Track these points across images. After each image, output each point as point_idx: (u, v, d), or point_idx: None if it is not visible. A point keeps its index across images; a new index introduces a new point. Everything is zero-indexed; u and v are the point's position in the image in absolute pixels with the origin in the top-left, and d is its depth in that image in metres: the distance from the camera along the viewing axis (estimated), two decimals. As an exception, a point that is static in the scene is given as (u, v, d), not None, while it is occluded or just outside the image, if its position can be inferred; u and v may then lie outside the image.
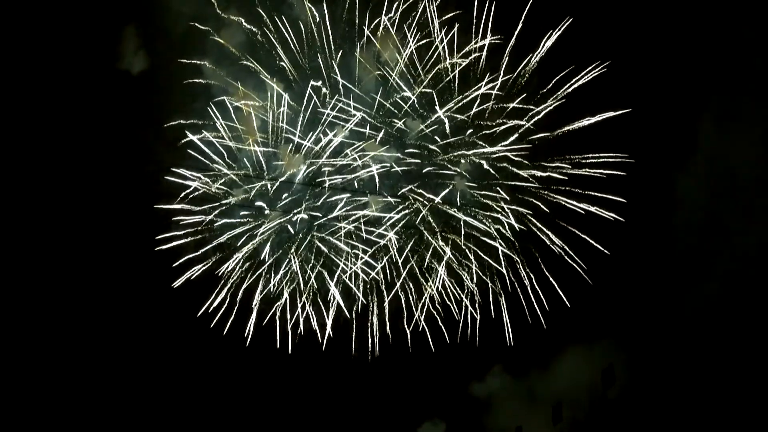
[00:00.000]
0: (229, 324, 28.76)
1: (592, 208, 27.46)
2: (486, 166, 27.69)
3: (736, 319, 27.98)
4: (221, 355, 29.96)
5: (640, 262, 28.74)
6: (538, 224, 27.91)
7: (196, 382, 31.10)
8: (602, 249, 27.49)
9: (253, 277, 28.61)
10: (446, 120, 27.71)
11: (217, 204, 28.50)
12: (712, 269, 28.75)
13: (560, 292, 27.76)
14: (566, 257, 27.69)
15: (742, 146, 28.88)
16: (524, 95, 27.72)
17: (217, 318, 28.73)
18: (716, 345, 28.02)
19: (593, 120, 27.67)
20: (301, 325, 28.58)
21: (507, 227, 27.77)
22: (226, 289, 28.76)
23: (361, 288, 28.15)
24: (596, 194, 27.60)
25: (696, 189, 29.29)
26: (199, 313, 28.79)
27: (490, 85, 27.61)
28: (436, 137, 28.02)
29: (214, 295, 28.72)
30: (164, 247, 28.57)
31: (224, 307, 28.73)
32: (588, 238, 27.52)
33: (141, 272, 29.80)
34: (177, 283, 28.86)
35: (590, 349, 29.56)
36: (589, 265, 27.68)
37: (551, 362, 30.26)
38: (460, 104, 27.76)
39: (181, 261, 28.63)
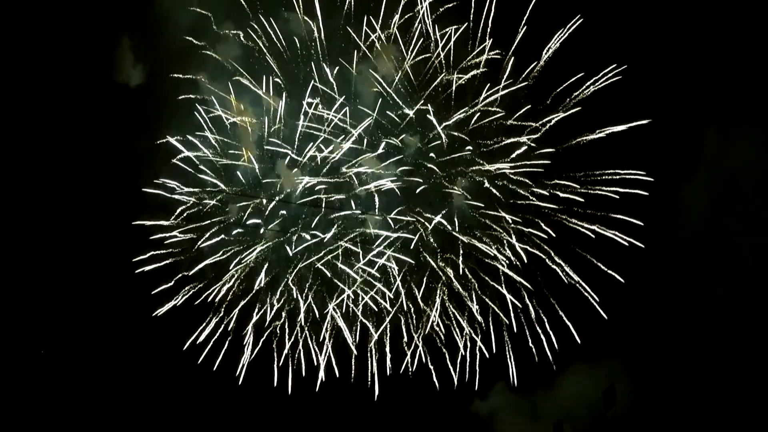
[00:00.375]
0: (220, 358, 27.77)
1: (596, 227, 26.89)
2: (487, 184, 27.09)
3: (744, 334, 27.58)
4: (211, 393, 28.86)
5: (650, 282, 28.12)
6: (543, 245, 27.28)
7: (182, 426, 29.77)
8: (617, 276, 26.76)
9: (246, 300, 27.76)
10: (443, 136, 27.10)
11: (208, 222, 27.68)
12: (718, 282, 28.32)
13: (570, 325, 27.20)
14: (571, 280, 27.14)
15: (746, 152, 28.34)
16: (528, 106, 26.99)
17: (206, 352, 27.68)
18: (723, 364, 27.67)
19: (598, 134, 26.99)
20: (302, 355, 27.84)
21: (507, 246, 27.18)
22: (216, 318, 27.79)
23: (360, 309, 27.58)
24: (606, 214, 26.88)
25: (701, 199, 28.75)
26: (186, 346, 27.84)
27: (491, 98, 27.00)
28: (436, 155, 27.38)
29: (203, 326, 27.71)
30: (146, 268, 27.48)
31: (214, 338, 27.68)
32: (594, 260, 26.90)
33: (119, 297, 28.39)
34: (160, 311, 27.81)
35: (594, 367, 29.12)
36: (597, 286, 27.06)
37: (554, 380, 29.73)
38: (460, 119, 27.14)
39: (165, 286, 27.54)
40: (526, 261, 26.94)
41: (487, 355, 27.75)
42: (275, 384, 27.88)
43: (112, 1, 28.96)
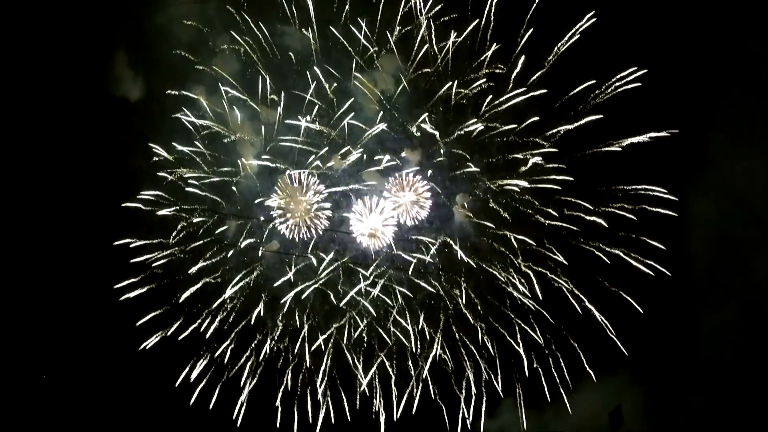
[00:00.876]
0: (215, 397, 26.79)
1: (602, 245, 26.20)
2: (492, 204, 26.39)
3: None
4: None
5: (657, 296, 27.34)
6: (552, 264, 26.52)
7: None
8: (636, 305, 26.02)
9: (244, 323, 26.90)
10: (444, 152, 26.45)
11: (201, 243, 26.85)
12: (729, 299, 27.64)
13: (581, 354, 26.56)
14: (583, 303, 26.44)
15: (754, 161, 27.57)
16: (535, 118, 26.04)
17: (199, 389, 26.63)
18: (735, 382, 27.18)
19: (605, 149, 26.19)
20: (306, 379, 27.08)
21: (511, 266, 26.52)
22: (211, 349, 26.74)
23: (365, 331, 26.81)
24: (623, 234, 26.14)
25: (709, 210, 28.05)
26: (177, 383, 26.72)
27: (495, 110, 26.24)
28: (438, 171, 26.81)
29: (198, 357, 26.70)
30: (131, 294, 26.32)
31: (209, 375, 26.64)
32: (607, 284, 26.23)
33: (103, 328, 26.91)
34: (147, 344, 26.62)
35: (604, 385, 28.50)
36: (607, 305, 26.37)
37: (562, 398, 29.12)
38: (462, 134, 26.45)
39: (153, 314, 26.45)
40: (535, 283, 26.29)
41: (498, 387, 27.26)
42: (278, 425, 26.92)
43: (109, 14, 28.10)
